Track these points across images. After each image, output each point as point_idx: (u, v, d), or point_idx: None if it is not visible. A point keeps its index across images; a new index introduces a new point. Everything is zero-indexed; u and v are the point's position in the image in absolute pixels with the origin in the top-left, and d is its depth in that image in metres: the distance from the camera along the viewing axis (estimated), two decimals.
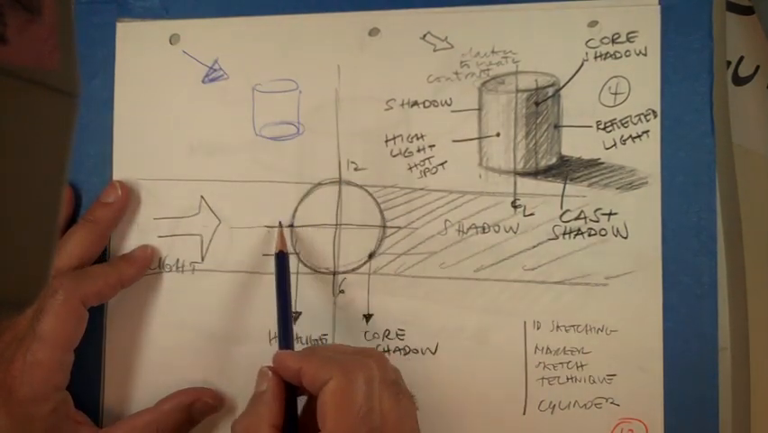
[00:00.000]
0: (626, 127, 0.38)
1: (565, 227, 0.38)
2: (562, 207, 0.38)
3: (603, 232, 0.38)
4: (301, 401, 0.35)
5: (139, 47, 0.42)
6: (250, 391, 0.34)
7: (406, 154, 0.39)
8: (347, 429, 0.30)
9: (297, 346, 0.40)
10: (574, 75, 0.38)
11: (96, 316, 0.41)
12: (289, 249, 0.40)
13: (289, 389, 0.34)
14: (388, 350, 0.39)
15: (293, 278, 0.40)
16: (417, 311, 0.39)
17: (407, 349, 0.39)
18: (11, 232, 0.17)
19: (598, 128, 0.38)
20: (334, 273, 0.40)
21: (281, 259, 0.38)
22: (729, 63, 0.40)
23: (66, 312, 0.36)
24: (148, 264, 0.40)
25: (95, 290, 0.37)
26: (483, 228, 0.39)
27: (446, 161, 0.39)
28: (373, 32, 0.40)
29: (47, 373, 0.35)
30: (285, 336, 0.36)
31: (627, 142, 0.38)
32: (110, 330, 0.41)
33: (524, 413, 0.38)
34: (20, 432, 0.34)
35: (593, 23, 0.38)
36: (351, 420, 0.30)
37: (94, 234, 0.39)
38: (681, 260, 0.37)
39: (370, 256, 0.39)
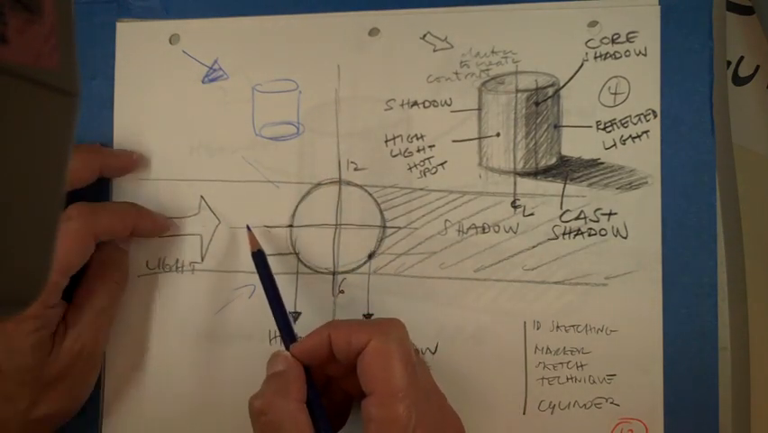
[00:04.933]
0: (625, 127, 0.38)
1: (565, 227, 0.38)
2: (561, 207, 0.38)
3: (603, 232, 0.38)
4: None
5: (139, 47, 0.42)
6: (250, 391, 0.34)
7: (406, 154, 0.39)
8: (401, 387, 0.30)
9: None
10: (574, 75, 0.38)
11: None
12: (289, 249, 0.40)
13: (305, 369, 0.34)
14: None
15: (293, 278, 0.40)
16: (417, 311, 0.39)
17: None
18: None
19: (598, 128, 0.38)
20: (334, 273, 0.40)
21: (260, 257, 0.37)
22: (729, 63, 0.40)
23: (73, 242, 0.36)
24: (165, 229, 0.40)
25: (108, 224, 0.37)
26: (483, 228, 0.39)
27: (446, 161, 0.39)
28: (373, 31, 0.40)
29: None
30: (288, 333, 0.36)
31: (627, 142, 0.38)
32: (110, 330, 0.41)
33: (524, 413, 0.38)
34: (5, 344, 0.35)
35: (593, 23, 0.38)
36: (403, 377, 0.30)
37: (89, 159, 0.39)
38: (681, 260, 0.37)
39: (370, 256, 0.39)
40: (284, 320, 0.36)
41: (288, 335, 0.36)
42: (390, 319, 0.34)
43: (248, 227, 0.39)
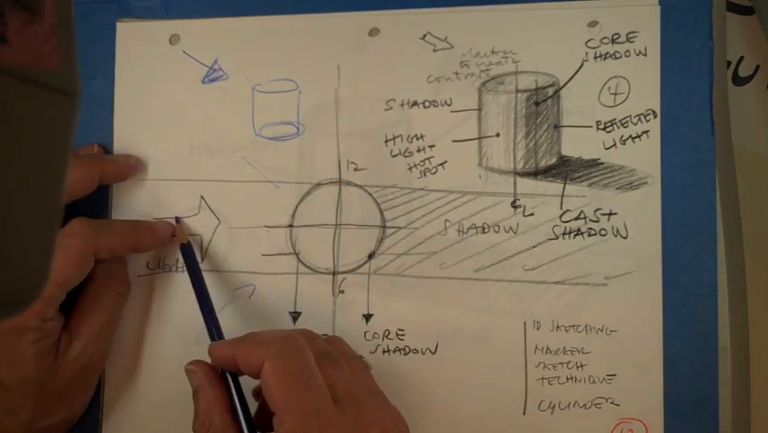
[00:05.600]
0: (625, 127, 0.38)
1: (565, 227, 0.38)
2: (561, 207, 0.38)
3: (603, 232, 0.38)
4: None
5: (139, 47, 0.42)
6: (249, 391, 0.34)
7: (406, 154, 0.39)
8: (295, 402, 0.30)
9: None
10: (574, 75, 0.38)
11: None
12: (289, 249, 0.40)
13: (229, 374, 0.34)
14: (388, 350, 0.39)
15: (293, 278, 0.40)
16: (417, 311, 0.39)
17: (407, 349, 0.39)
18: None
19: (598, 128, 0.38)
20: (334, 273, 0.40)
21: (187, 250, 0.38)
22: (729, 63, 0.40)
23: (74, 258, 0.36)
24: (167, 239, 0.40)
25: (109, 244, 0.37)
26: (483, 228, 0.39)
27: (446, 161, 0.39)
28: (373, 32, 0.40)
29: (37, 305, 0.35)
30: (216, 329, 0.36)
31: (627, 142, 0.38)
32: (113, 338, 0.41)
33: (524, 413, 0.38)
34: (6, 357, 0.35)
35: (593, 23, 0.38)
36: (296, 392, 0.30)
37: (88, 169, 0.39)
38: (681, 260, 0.37)
39: (370, 256, 0.39)
40: (210, 315, 0.36)
41: (215, 331, 0.36)
42: (283, 337, 0.33)
43: (176, 219, 0.40)
